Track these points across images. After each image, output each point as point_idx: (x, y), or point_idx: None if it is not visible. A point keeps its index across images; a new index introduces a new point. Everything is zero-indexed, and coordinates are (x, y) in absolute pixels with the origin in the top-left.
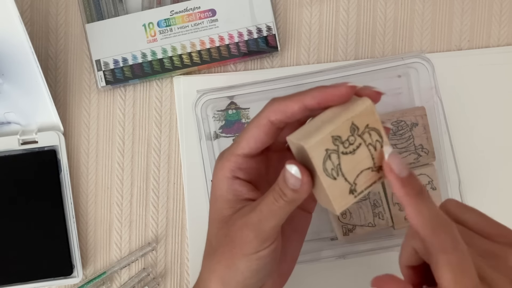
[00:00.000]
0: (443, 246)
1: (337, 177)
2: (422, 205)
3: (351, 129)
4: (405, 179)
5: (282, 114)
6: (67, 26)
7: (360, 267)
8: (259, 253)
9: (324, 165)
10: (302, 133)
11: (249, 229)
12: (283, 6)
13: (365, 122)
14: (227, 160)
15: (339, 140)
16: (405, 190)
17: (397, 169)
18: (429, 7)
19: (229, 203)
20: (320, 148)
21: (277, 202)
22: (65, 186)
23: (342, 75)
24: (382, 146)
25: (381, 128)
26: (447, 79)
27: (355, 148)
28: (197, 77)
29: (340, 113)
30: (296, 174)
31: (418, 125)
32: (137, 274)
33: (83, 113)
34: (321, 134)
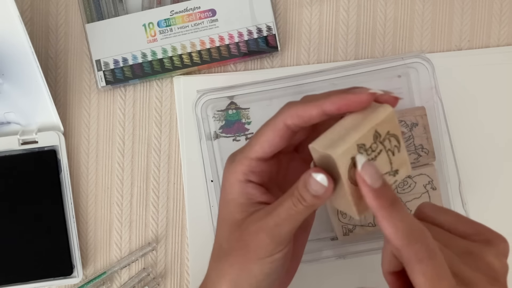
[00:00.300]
0: (417, 256)
1: None
2: (395, 216)
3: (374, 136)
4: (378, 190)
5: (300, 119)
6: (67, 26)
7: (360, 267)
8: (273, 256)
9: (350, 173)
10: (326, 142)
11: (265, 233)
12: (283, 6)
13: (386, 129)
14: (240, 163)
15: (363, 148)
16: (378, 202)
17: (369, 180)
18: (429, 7)
19: (242, 206)
20: (347, 156)
21: (296, 207)
22: (65, 186)
23: (342, 75)
24: (400, 151)
25: (400, 134)
26: (447, 79)
27: (377, 155)
28: (197, 77)
29: (362, 120)
30: (322, 181)
31: (418, 125)
32: (137, 274)
33: (83, 113)
34: (348, 143)
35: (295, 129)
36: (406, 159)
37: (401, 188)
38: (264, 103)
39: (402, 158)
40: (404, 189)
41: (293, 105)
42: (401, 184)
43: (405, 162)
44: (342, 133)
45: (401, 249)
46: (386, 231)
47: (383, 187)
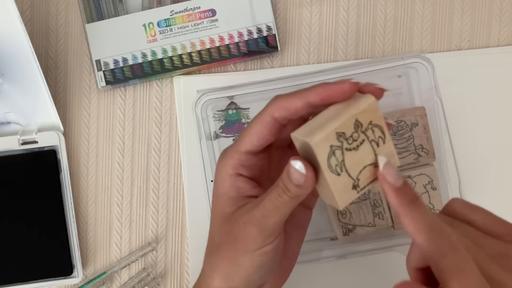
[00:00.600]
0: (441, 250)
1: (341, 172)
2: (417, 213)
3: (355, 125)
4: (399, 188)
5: (286, 110)
6: (67, 26)
7: (360, 267)
8: (262, 249)
9: (329, 161)
10: (306, 130)
11: (253, 225)
12: (283, 6)
13: (368, 119)
14: (230, 157)
15: (343, 137)
16: (399, 200)
17: (391, 179)
18: (429, 7)
19: (232, 200)
20: (325, 144)
21: (281, 197)
22: (65, 186)
23: (342, 75)
24: (385, 142)
25: (383, 125)
26: (447, 79)
27: (359, 145)
28: (197, 77)
29: (343, 110)
30: (300, 169)
31: (418, 125)
32: (137, 274)
33: (83, 113)
34: (326, 130)
35: (283, 122)
36: (392, 151)
37: None
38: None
39: (388, 150)
40: None
41: (279, 98)
42: None
43: (391, 154)
44: (323, 122)
45: (423, 245)
46: (408, 228)
47: (404, 186)
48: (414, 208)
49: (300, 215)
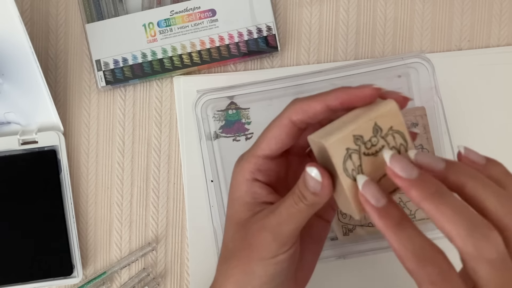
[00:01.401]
0: (430, 278)
1: None
2: (403, 236)
3: (373, 129)
4: (382, 209)
5: (304, 114)
6: (67, 26)
7: (360, 267)
8: (277, 257)
9: (345, 165)
10: (323, 132)
11: (268, 232)
12: (283, 6)
13: (389, 124)
14: (246, 161)
15: (361, 140)
16: (383, 222)
17: (372, 199)
18: (429, 7)
19: (247, 205)
20: (341, 146)
21: (297, 205)
22: (65, 186)
23: (342, 75)
24: (407, 150)
25: (405, 131)
26: (447, 79)
27: (378, 150)
28: (197, 77)
29: (363, 113)
30: (316, 176)
31: (418, 125)
32: (137, 274)
33: (83, 113)
34: (342, 132)
35: (301, 125)
36: None
37: None
38: (264, 103)
39: None
40: None
41: (298, 101)
42: None
43: None
44: (340, 125)
45: (412, 271)
46: (396, 252)
47: (388, 206)
48: (400, 231)
49: (317, 227)
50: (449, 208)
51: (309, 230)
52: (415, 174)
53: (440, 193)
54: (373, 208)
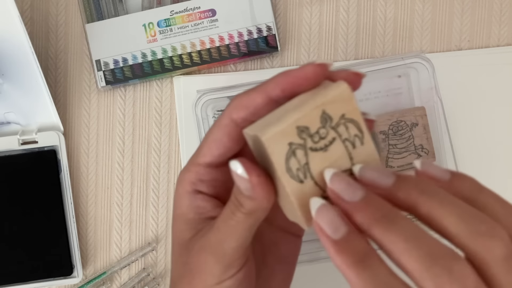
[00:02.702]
0: None
1: (305, 179)
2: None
3: (322, 119)
4: (340, 242)
5: (245, 109)
6: (67, 26)
7: None
8: (223, 283)
9: (287, 164)
10: (261, 124)
11: (208, 253)
12: (283, 6)
13: (340, 111)
14: (187, 171)
15: (307, 132)
16: (342, 258)
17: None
18: (429, 7)
19: (190, 223)
20: (282, 141)
21: (234, 215)
22: (65, 186)
23: None
24: (363, 143)
25: (360, 120)
26: (447, 79)
27: (328, 144)
28: (197, 77)
29: (308, 99)
30: (242, 174)
31: (418, 125)
32: (137, 274)
33: (83, 113)
34: (283, 123)
35: (245, 124)
36: (373, 154)
37: None
38: None
39: (368, 152)
40: None
41: (238, 96)
42: None
43: (372, 158)
44: (282, 114)
45: None
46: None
47: (348, 237)
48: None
49: (285, 244)
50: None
51: (275, 249)
52: (359, 196)
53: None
54: (329, 241)
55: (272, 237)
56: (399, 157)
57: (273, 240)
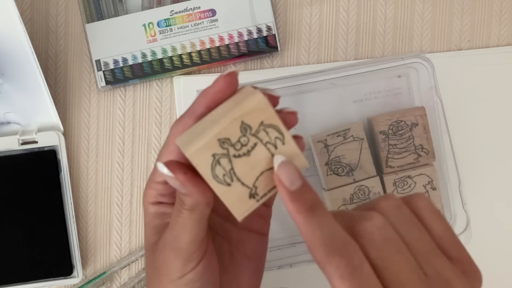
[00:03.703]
0: (338, 270)
1: (232, 182)
2: (314, 223)
3: (241, 129)
4: (295, 192)
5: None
6: (67, 26)
7: None
8: (185, 276)
9: (214, 172)
10: (188, 137)
11: (168, 249)
12: (283, 6)
13: (258, 119)
14: (149, 187)
15: (228, 143)
16: (295, 206)
17: (287, 180)
18: (429, 7)
19: (156, 228)
20: (205, 154)
21: (181, 212)
22: (65, 186)
23: (342, 75)
24: (284, 143)
25: (279, 124)
26: (447, 79)
27: (250, 149)
28: (197, 77)
29: (227, 111)
30: (165, 172)
31: (418, 125)
32: (137, 274)
33: (83, 113)
34: (205, 138)
35: None
36: (295, 152)
37: (401, 188)
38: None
39: (290, 151)
40: (404, 189)
41: (176, 122)
42: (400, 184)
43: (295, 155)
44: (205, 126)
45: (320, 261)
46: (305, 240)
47: (302, 189)
48: (312, 218)
49: (252, 242)
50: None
51: (241, 247)
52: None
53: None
54: (285, 191)
55: (237, 236)
56: (399, 157)
57: (239, 239)
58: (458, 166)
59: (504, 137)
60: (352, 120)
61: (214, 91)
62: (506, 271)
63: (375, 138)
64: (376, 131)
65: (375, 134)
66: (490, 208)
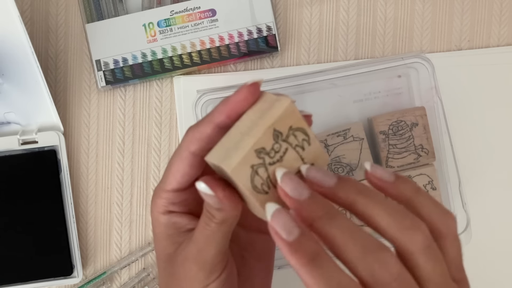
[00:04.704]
0: None
1: (269, 190)
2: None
3: (274, 136)
4: (294, 243)
5: (199, 141)
6: (67, 26)
7: None
8: (208, 287)
9: (253, 183)
10: (221, 151)
11: (190, 262)
12: (283, 6)
13: (288, 124)
14: (158, 197)
15: (264, 152)
16: (295, 258)
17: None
18: (429, 7)
19: (170, 238)
20: (245, 167)
21: (209, 226)
22: (65, 186)
23: (342, 75)
24: (310, 143)
25: (305, 126)
26: (447, 79)
27: (282, 155)
28: (197, 77)
29: (258, 120)
30: (205, 191)
31: (418, 125)
32: (137, 274)
33: (83, 113)
34: (243, 151)
35: (202, 153)
36: (319, 150)
37: None
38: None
39: (315, 150)
40: None
41: (191, 130)
42: None
43: (319, 154)
44: (238, 139)
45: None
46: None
47: (301, 239)
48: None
49: (261, 243)
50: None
51: (252, 249)
52: (305, 195)
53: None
54: (283, 243)
55: (247, 238)
56: (399, 157)
57: (248, 241)
58: (458, 166)
59: (504, 137)
60: (352, 120)
61: (237, 100)
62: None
63: (375, 138)
64: (376, 131)
65: (375, 134)
66: (490, 208)
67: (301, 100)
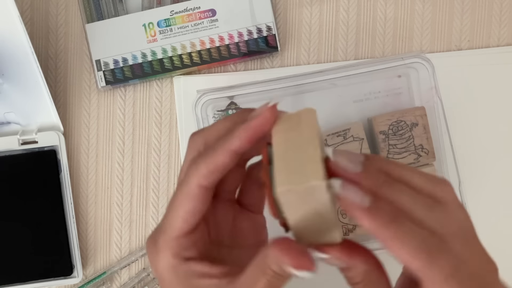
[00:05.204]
0: (444, 272)
1: None
2: (404, 232)
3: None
4: (370, 208)
5: (214, 174)
6: (67, 26)
7: None
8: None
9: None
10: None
11: None
12: (283, 6)
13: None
14: (165, 248)
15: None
16: (376, 222)
17: (357, 198)
18: (429, 7)
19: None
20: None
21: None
22: (65, 186)
23: (342, 75)
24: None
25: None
26: (447, 79)
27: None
28: (197, 77)
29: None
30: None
31: (418, 125)
32: (137, 274)
33: (83, 113)
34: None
35: (213, 186)
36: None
37: None
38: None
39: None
40: None
41: (202, 162)
42: None
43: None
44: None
45: (421, 270)
46: (399, 256)
47: (376, 203)
48: (399, 228)
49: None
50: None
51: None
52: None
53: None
54: (361, 210)
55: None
56: (399, 157)
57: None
58: (458, 166)
59: (504, 137)
60: (352, 120)
61: (260, 123)
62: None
63: (375, 138)
64: (376, 131)
65: (375, 134)
66: (490, 208)
67: (301, 100)
